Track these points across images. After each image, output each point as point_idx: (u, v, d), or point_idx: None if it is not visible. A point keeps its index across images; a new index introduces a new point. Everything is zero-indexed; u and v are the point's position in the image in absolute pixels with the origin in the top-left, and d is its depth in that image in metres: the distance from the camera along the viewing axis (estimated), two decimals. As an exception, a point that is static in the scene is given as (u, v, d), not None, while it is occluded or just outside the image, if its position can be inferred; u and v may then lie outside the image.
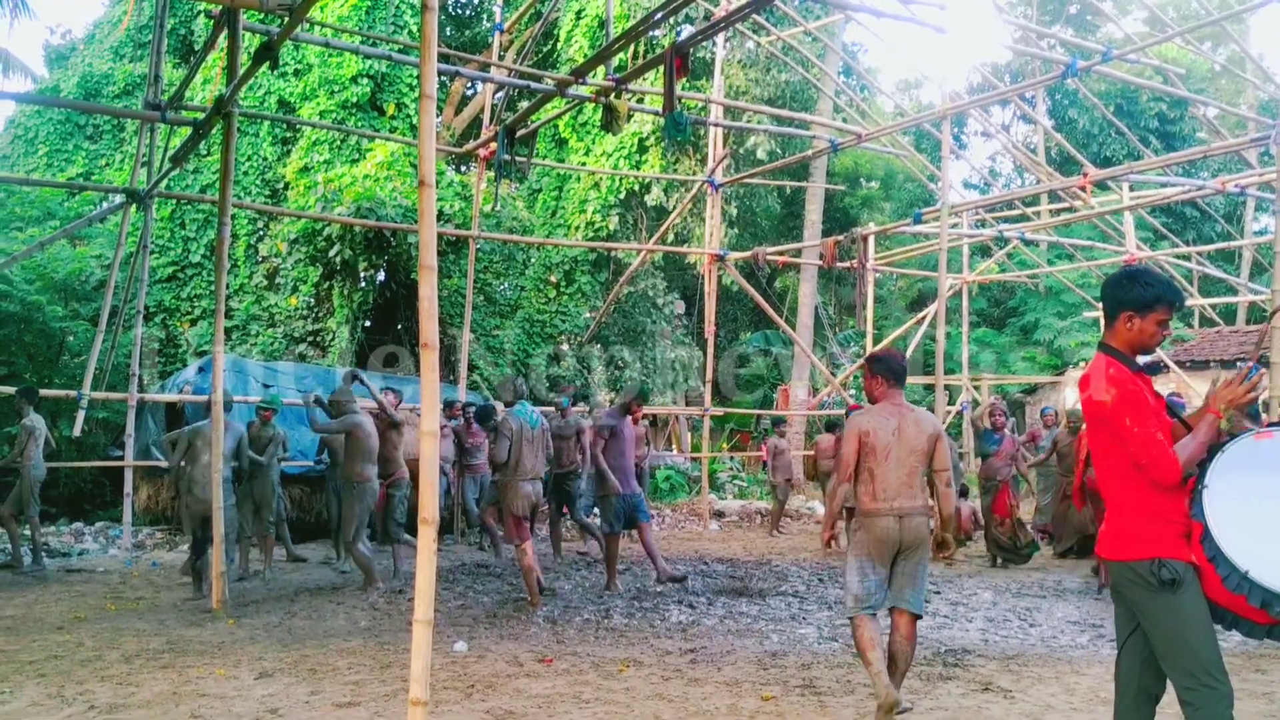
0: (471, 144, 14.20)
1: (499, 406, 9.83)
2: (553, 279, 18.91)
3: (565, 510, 11.44)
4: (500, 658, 6.63)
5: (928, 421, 5.38)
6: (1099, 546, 3.64)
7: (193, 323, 17.97)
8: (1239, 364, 13.55)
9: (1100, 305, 3.76)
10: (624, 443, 9.69)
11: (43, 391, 13.12)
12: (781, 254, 18.88)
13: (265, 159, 18.44)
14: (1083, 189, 12.89)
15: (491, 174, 13.16)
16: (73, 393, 12.16)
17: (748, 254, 17.04)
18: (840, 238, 15.82)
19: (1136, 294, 3.56)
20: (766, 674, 6.25)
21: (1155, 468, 3.34)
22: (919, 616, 5.30)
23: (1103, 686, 5.95)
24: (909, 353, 19.43)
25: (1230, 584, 3.22)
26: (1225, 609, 3.34)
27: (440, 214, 15.60)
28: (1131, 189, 15.78)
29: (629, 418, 9.83)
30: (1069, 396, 20.86)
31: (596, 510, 10.55)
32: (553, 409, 11.24)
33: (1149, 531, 3.39)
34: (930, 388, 16.37)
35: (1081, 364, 24.04)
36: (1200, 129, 26.90)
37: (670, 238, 19.10)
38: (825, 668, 6.33)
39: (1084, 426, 10.92)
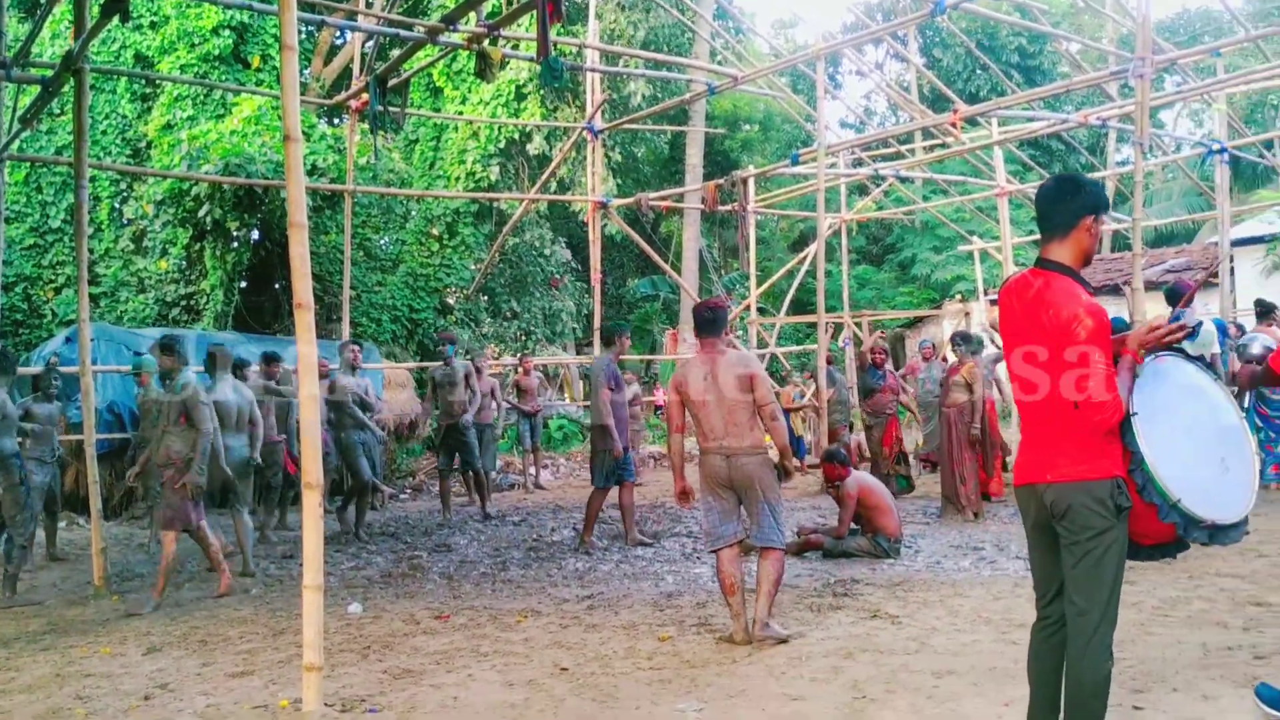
0: (342, 95, 13.77)
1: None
2: (435, 232, 18.59)
3: (456, 462, 11.34)
4: (396, 617, 6.60)
5: (741, 362, 5.68)
6: (1027, 471, 3.48)
7: (57, 291, 17.17)
8: (1123, 288, 14.06)
9: (1042, 220, 3.52)
10: (624, 393, 9.16)
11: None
12: (664, 199, 18.90)
13: (125, 117, 17.59)
14: (954, 125, 13.17)
15: (365, 126, 12.80)
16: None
17: (630, 200, 17.01)
18: (721, 181, 15.88)
19: (1094, 194, 3.42)
20: (663, 615, 6.36)
21: (1106, 408, 3.23)
22: (776, 548, 5.60)
23: (985, 607, 6.23)
24: (791, 292, 19.79)
25: (1161, 514, 3.24)
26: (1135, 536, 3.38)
27: (313, 168, 15.15)
28: (1000, 124, 16.19)
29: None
30: (946, 329, 21.51)
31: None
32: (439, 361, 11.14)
33: (1107, 450, 3.30)
34: (814, 325, 16.66)
35: (958, 296, 24.81)
36: (1061, 63, 27.73)
37: (554, 186, 18.94)
38: (720, 605, 6.44)
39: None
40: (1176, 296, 9.88)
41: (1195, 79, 14.24)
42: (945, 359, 12.19)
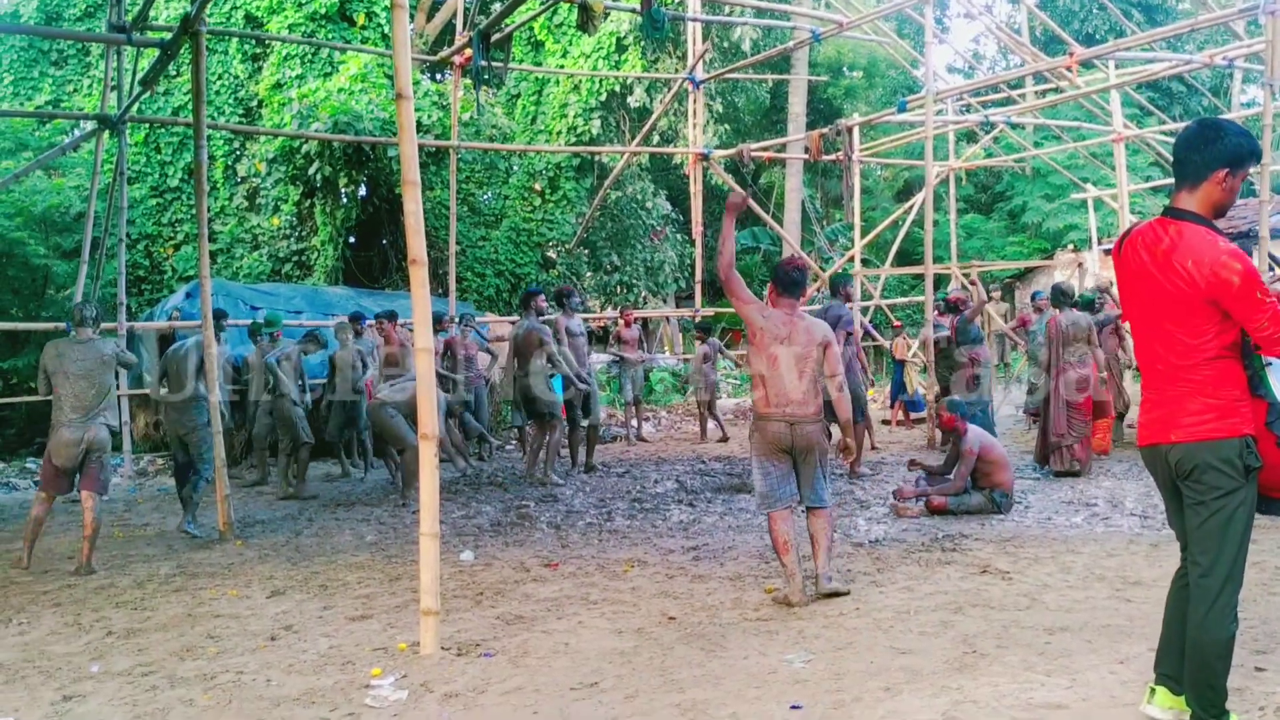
0: (446, 51, 13.90)
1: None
2: (537, 186, 18.71)
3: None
4: (507, 565, 6.75)
5: (818, 329, 5.54)
6: (1152, 430, 3.38)
7: (176, 248, 17.82)
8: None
9: (1176, 165, 3.38)
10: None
11: (30, 326, 13.05)
12: (766, 150, 18.68)
13: (236, 77, 18.07)
14: (1069, 69, 12.69)
15: (468, 81, 12.93)
16: (61, 324, 12.12)
17: (732, 151, 16.85)
18: (825, 130, 15.63)
19: (1234, 145, 3.22)
20: (768, 567, 6.38)
21: None
22: (825, 508, 5.62)
23: (1098, 564, 6.10)
24: (896, 243, 19.43)
25: None
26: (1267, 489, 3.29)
27: (419, 125, 15.30)
28: (1117, 67, 15.55)
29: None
30: (1058, 279, 20.88)
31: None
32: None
33: (1236, 408, 3.20)
34: (920, 277, 16.35)
35: (1071, 246, 24.04)
36: (1183, 1, 26.43)
37: (655, 138, 18.86)
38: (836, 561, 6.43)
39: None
40: None
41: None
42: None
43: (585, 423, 11.11)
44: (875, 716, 3.81)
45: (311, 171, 15.78)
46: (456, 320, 12.52)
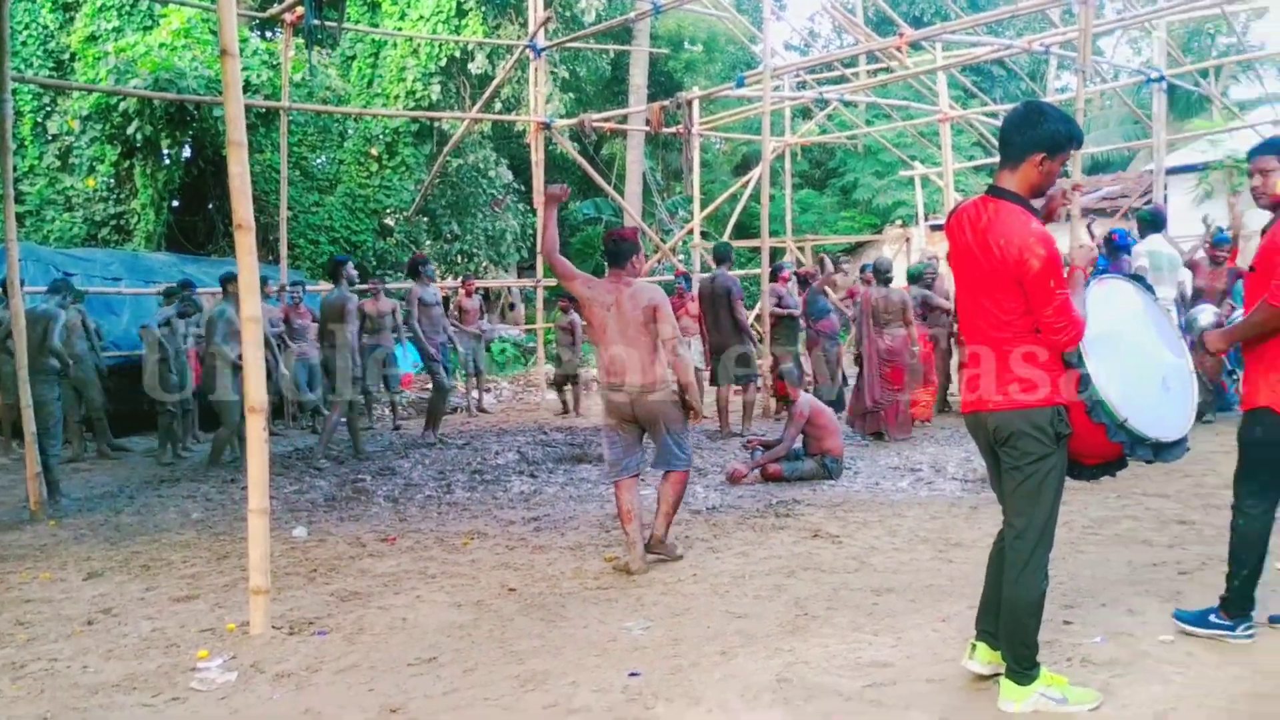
0: (276, 8, 13.32)
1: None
2: (374, 152, 18.22)
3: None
4: (342, 540, 6.60)
5: (645, 294, 5.42)
6: (974, 399, 3.53)
7: (-22, 210, 16.61)
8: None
9: (1001, 145, 3.49)
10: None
11: None
12: (608, 120, 18.67)
13: (46, 28, 16.91)
14: (899, 50, 13.12)
15: (300, 40, 12.44)
16: None
17: (574, 121, 16.78)
18: (666, 103, 15.72)
19: (1051, 131, 3.32)
20: (609, 536, 6.43)
21: (1068, 330, 3.28)
22: (678, 470, 5.62)
23: (922, 527, 6.39)
24: (734, 216, 19.76)
25: (1109, 433, 3.33)
26: (1077, 455, 3.50)
27: (247, 84, 14.70)
28: (944, 49, 16.18)
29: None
30: (887, 253, 21.67)
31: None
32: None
33: (1049, 379, 3.35)
34: (757, 250, 16.68)
35: (899, 222, 24.97)
36: (1004, -13, 27.64)
37: (497, 106, 18.60)
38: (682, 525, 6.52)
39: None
40: (1154, 222, 9.99)
41: (1135, 6, 14.33)
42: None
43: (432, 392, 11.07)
44: (711, 680, 3.90)
45: (131, 131, 14.94)
46: (285, 288, 12.12)
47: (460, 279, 15.41)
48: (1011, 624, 3.47)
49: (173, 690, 4.04)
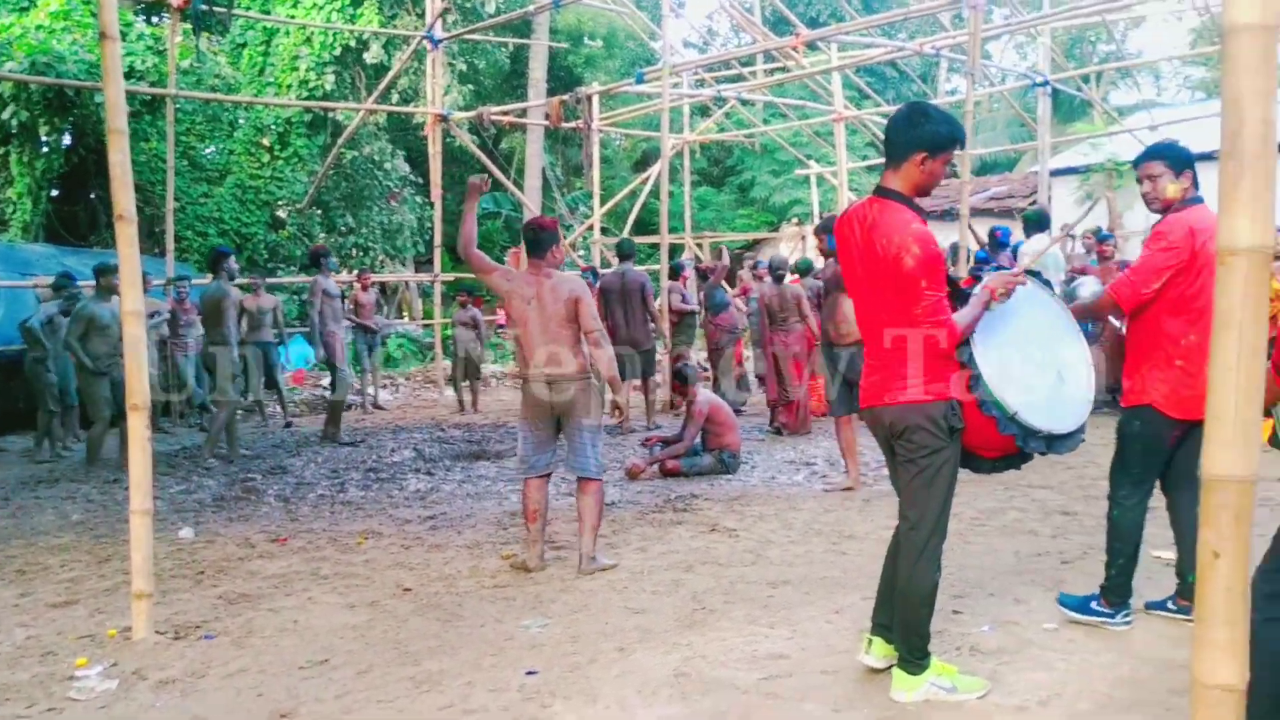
0: (161, -8, 12.90)
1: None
2: (265, 142, 17.74)
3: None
4: (231, 541, 6.41)
5: (565, 285, 5.38)
6: (871, 394, 3.57)
7: None
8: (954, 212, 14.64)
9: (885, 145, 3.55)
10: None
11: None
12: (507, 114, 18.54)
13: (-90, 6, 16.05)
14: (795, 49, 13.31)
15: (188, 26, 12.04)
16: None
17: (472, 114, 16.59)
18: (565, 97, 15.67)
19: (932, 132, 3.37)
20: (507, 534, 6.39)
21: (938, 331, 3.33)
22: (594, 479, 5.48)
23: (816, 520, 6.49)
24: (634, 212, 19.80)
25: (1000, 426, 3.40)
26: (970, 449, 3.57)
27: (130, 71, 14.19)
28: (839, 50, 16.47)
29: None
30: (783, 251, 21.99)
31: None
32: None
33: (942, 375, 3.41)
34: (656, 246, 16.77)
35: (795, 220, 25.35)
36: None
37: (393, 97, 18.29)
38: (562, 523, 6.51)
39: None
40: (1039, 222, 10.33)
41: (1022, 12, 14.79)
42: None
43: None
44: (609, 677, 3.89)
45: (5, 116, 14.29)
46: (169, 282, 11.74)
47: (356, 273, 15.11)
48: (907, 615, 3.54)
49: (49, 700, 3.87)
